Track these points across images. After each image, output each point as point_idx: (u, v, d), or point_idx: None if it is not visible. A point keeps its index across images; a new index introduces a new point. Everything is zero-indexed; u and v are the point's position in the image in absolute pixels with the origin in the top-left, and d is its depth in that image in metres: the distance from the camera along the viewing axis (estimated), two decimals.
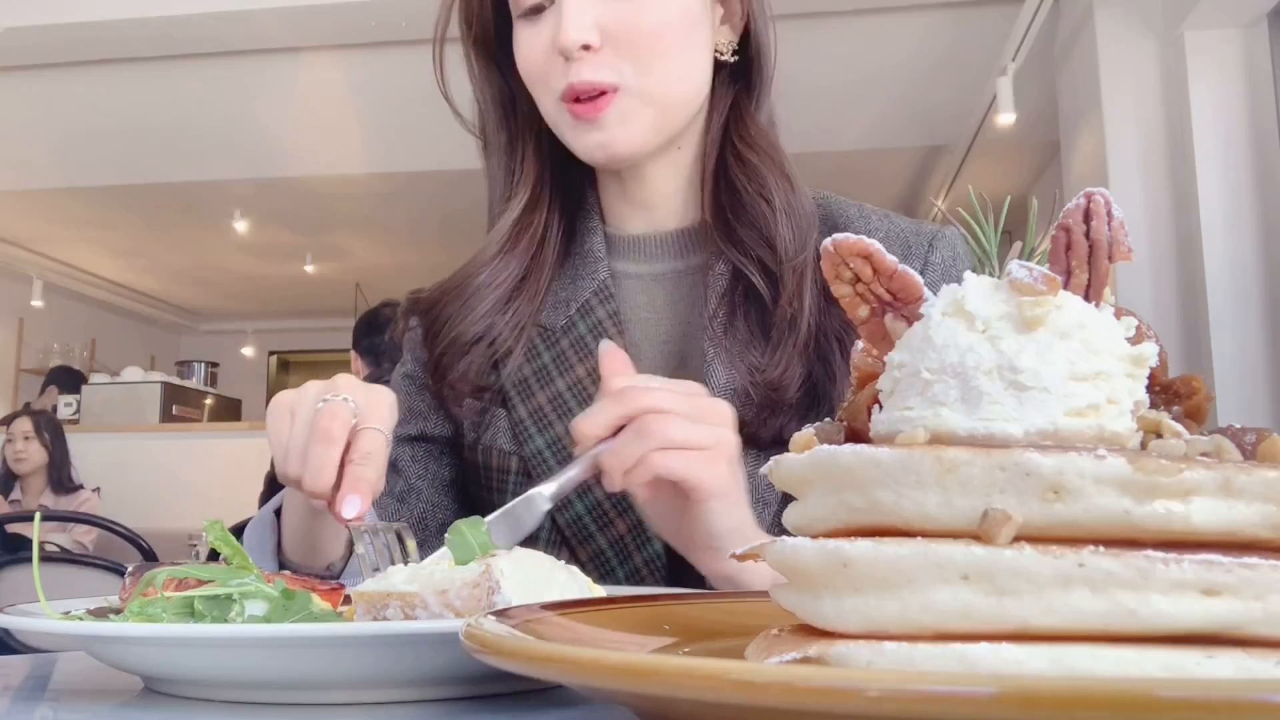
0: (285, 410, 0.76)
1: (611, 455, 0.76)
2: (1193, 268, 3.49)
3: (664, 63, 0.93)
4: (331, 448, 0.71)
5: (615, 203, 1.06)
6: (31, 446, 4.70)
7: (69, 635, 0.54)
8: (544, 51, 0.94)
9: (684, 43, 0.94)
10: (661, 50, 0.92)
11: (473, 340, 1.00)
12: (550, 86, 0.94)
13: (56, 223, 7.13)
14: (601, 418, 0.77)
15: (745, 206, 0.98)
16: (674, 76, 0.94)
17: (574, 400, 0.97)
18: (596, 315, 1.00)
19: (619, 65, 0.92)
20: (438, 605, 0.55)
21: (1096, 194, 0.40)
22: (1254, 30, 3.45)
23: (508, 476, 0.99)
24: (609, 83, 0.91)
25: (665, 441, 0.74)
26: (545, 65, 0.94)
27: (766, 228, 0.96)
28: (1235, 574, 0.33)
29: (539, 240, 1.03)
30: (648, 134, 0.95)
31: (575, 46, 0.90)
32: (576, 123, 0.94)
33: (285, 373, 10.99)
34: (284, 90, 5.06)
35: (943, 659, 0.33)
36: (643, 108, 0.93)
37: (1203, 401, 0.40)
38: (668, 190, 1.03)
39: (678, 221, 1.04)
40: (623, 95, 0.92)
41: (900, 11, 4.37)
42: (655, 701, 0.34)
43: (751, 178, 0.98)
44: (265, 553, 0.87)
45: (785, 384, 0.92)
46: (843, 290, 0.43)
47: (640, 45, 0.91)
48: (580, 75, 0.91)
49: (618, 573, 0.94)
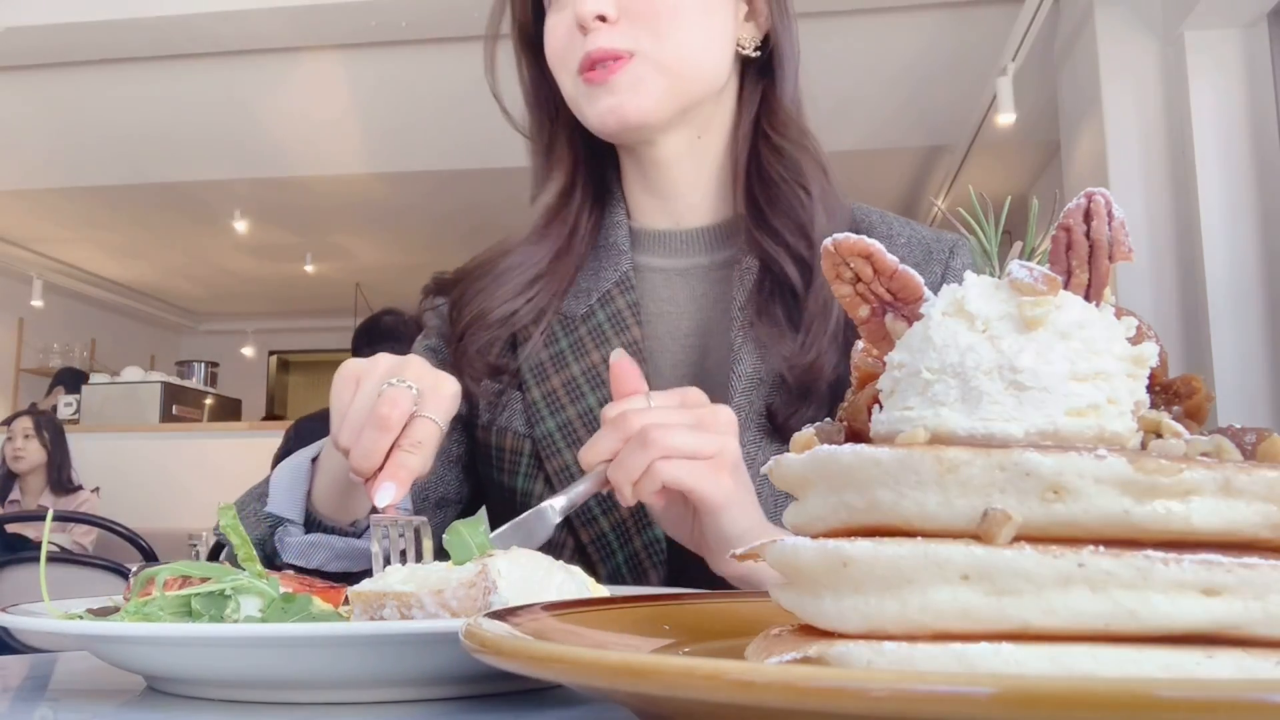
0: (351, 380, 0.77)
1: (616, 469, 0.77)
2: (1193, 268, 3.49)
3: (679, 33, 0.95)
4: (385, 435, 0.72)
5: (639, 196, 1.07)
6: (30, 445, 4.69)
7: (74, 635, 0.54)
8: (565, 31, 0.97)
9: (701, 19, 0.96)
10: (678, 22, 0.94)
11: (496, 320, 1.01)
12: (569, 62, 0.97)
13: (56, 223, 7.13)
14: (603, 444, 0.78)
15: (782, 197, 1.00)
16: (688, 47, 0.96)
17: (587, 385, 0.99)
18: (616, 305, 1.01)
19: (635, 34, 0.94)
20: (434, 605, 0.55)
21: (1097, 194, 0.40)
22: (1254, 30, 3.45)
23: (520, 459, 1.00)
24: (624, 49, 0.94)
25: (667, 450, 0.75)
26: (566, 44, 0.97)
27: (803, 215, 0.98)
28: (1235, 574, 0.33)
29: (570, 230, 1.05)
30: (660, 102, 0.96)
31: (591, 16, 0.92)
32: (590, 89, 0.96)
33: (285, 373, 10.99)
34: (284, 90, 5.06)
35: (943, 659, 0.33)
36: (656, 75, 0.95)
37: (1203, 401, 0.40)
38: (690, 180, 1.05)
39: (704, 218, 1.06)
40: (637, 61, 0.94)
41: (900, 11, 4.37)
42: (655, 701, 0.34)
43: (788, 167, 1.00)
44: (295, 498, 0.88)
45: (820, 369, 0.93)
46: (843, 290, 0.43)
47: (657, 16, 0.94)
48: (596, 43, 0.93)
49: (618, 555, 0.96)
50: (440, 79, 4.55)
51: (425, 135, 5.39)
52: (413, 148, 5.57)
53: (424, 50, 4.57)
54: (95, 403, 6.69)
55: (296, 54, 4.75)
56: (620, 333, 1.00)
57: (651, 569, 0.94)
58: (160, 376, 7.15)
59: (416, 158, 5.70)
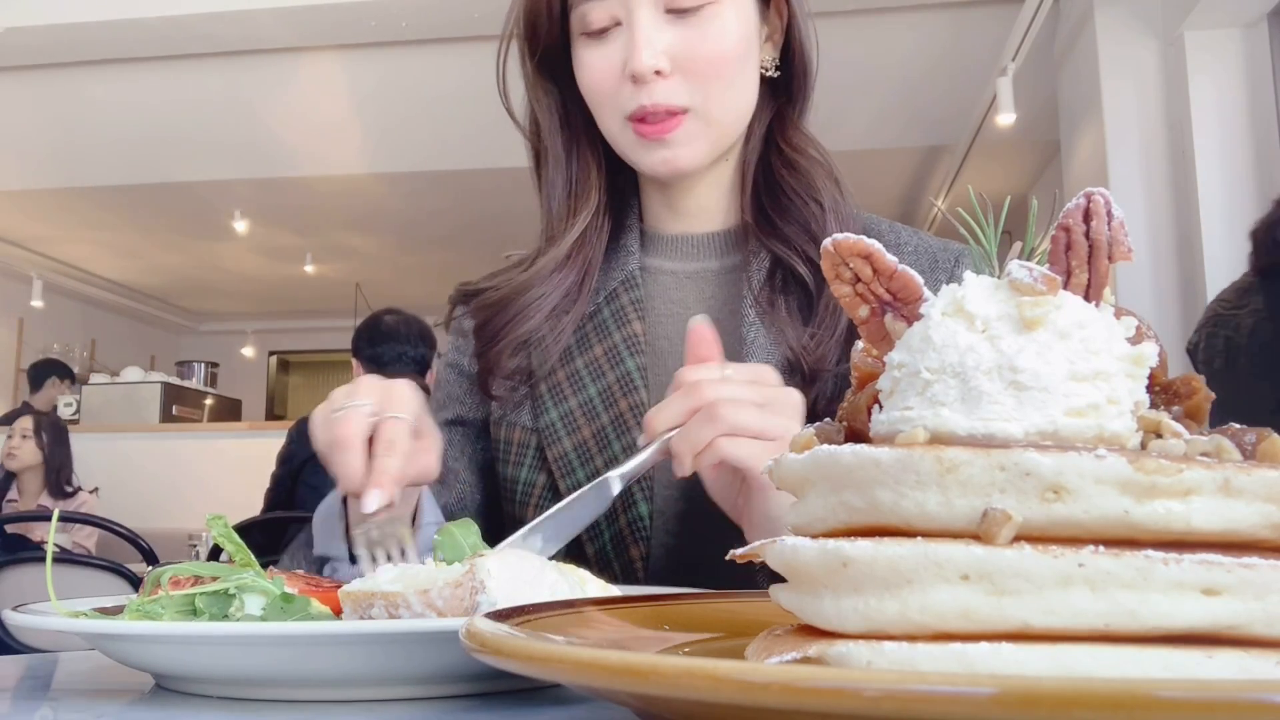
0: (319, 424, 0.81)
1: (681, 439, 0.78)
2: (1193, 268, 3.49)
3: (726, 87, 0.97)
4: (349, 453, 0.76)
5: (658, 208, 1.10)
6: (26, 445, 4.66)
7: (85, 634, 0.55)
8: (613, 74, 0.97)
9: (741, 66, 0.98)
10: (725, 75, 0.96)
11: (524, 342, 1.04)
12: (618, 107, 0.98)
13: (56, 223, 7.13)
14: (672, 410, 0.79)
15: (794, 209, 1.02)
16: (733, 100, 0.99)
17: (589, 376, 1.01)
18: (620, 301, 1.03)
19: (689, 90, 0.96)
20: (420, 605, 0.55)
21: (1096, 194, 0.40)
22: (1254, 30, 3.45)
23: (526, 451, 1.02)
24: (680, 105, 0.95)
25: (733, 428, 0.76)
26: (614, 86, 0.97)
27: (815, 225, 1.00)
28: (1235, 574, 0.33)
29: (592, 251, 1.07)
30: (707, 152, 1.00)
31: (649, 71, 0.93)
32: (642, 141, 0.98)
33: (285, 373, 10.99)
34: (284, 90, 5.06)
35: (943, 659, 0.33)
36: (706, 129, 0.98)
37: (1203, 401, 0.40)
38: (707, 192, 1.07)
39: (716, 224, 1.08)
40: (691, 117, 0.96)
41: (900, 11, 4.37)
42: (655, 701, 0.34)
43: (802, 181, 1.03)
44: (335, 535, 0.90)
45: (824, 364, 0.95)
46: (843, 290, 0.43)
47: (707, 71, 0.95)
48: (653, 98, 0.94)
49: (604, 534, 0.97)
50: (440, 79, 4.56)
51: (425, 135, 5.39)
52: (413, 148, 5.58)
53: (424, 50, 4.57)
54: (95, 403, 6.70)
55: (297, 54, 4.75)
56: (622, 326, 1.01)
57: (634, 544, 0.96)
58: (160, 377, 7.15)
59: (416, 158, 5.70)
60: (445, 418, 1.10)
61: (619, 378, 0.99)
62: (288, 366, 11.00)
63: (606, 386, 0.99)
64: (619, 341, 1.01)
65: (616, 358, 1.00)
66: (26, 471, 4.71)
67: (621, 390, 0.98)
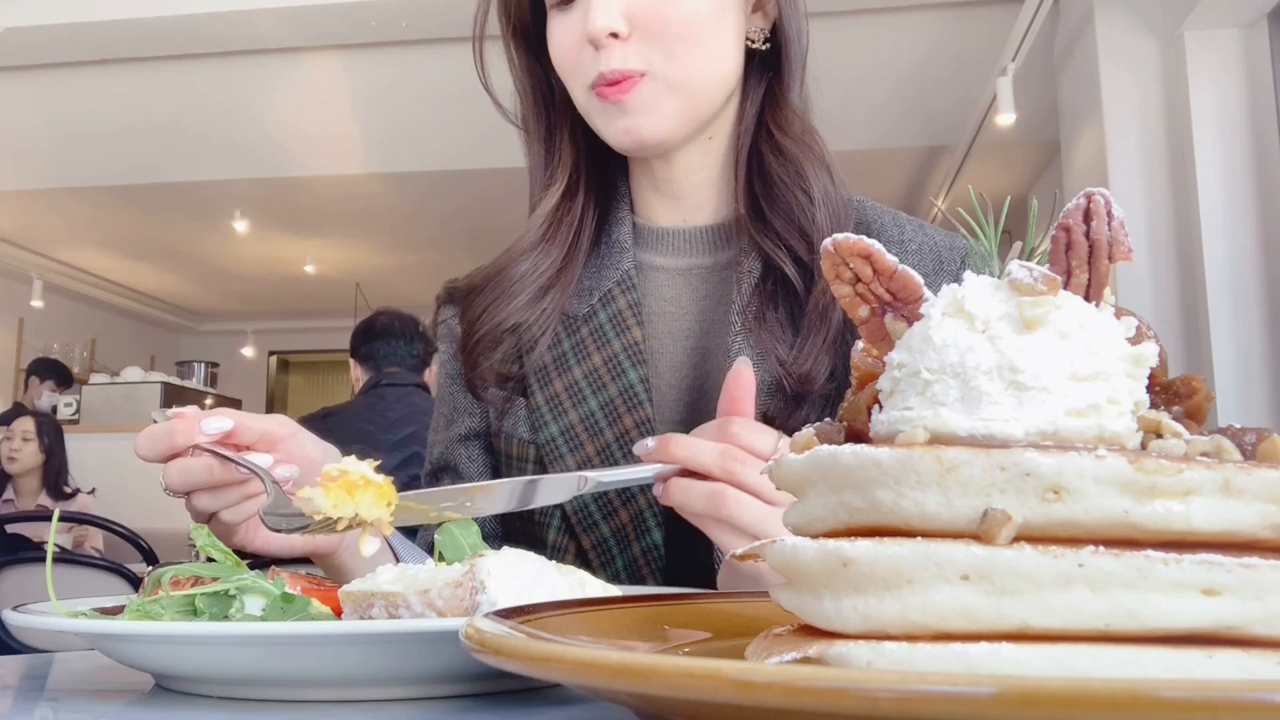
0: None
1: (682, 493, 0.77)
2: (1193, 268, 3.49)
3: (692, 50, 0.93)
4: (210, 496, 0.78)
5: (646, 193, 1.06)
6: (28, 448, 4.64)
7: (85, 634, 0.55)
8: (575, 41, 0.95)
9: (713, 30, 0.94)
10: (690, 37, 0.93)
11: (506, 332, 1.01)
12: (581, 76, 0.95)
13: (56, 223, 7.13)
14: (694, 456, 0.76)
15: (781, 198, 0.98)
16: (701, 63, 0.94)
17: (589, 388, 0.97)
18: (617, 305, 1.00)
19: (647, 52, 0.92)
20: (420, 605, 0.55)
21: (1096, 194, 0.40)
22: (1254, 30, 3.45)
23: (526, 465, 1.00)
24: (636, 69, 0.92)
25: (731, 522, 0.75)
26: (576, 55, 0.95)
27: (803, 218, 0.97)
28: (1235, 574, 0.32)
29: (575, 230, 1.04)
30: (675, 121, 0.96)
31: (603, 34, 0.91)
32: (605, 107, 0.95)
33: (285, 373, 10.99)
34: (284, 90, 5.06)
35: (943, 659, 0.33)
36: (668, 94, 0.94)
37: (1203, 401, 0.40)
38: (698, 179, 1.03)
39: (709, 217, 1.05)
40: (648, 81, 0.93)
41: (900, 11, 4.37)
42: (655, 701, 0.34)
43: (789, 169, 0.99)
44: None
45: (814, 376, 0.93)
46: (843, 290, 0.43)
47: (668, 33, 0.92)
48: (610, 63, 0.92)
49: (617, 561, 0.95)
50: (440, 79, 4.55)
51: (425, 135, 5.39)
52: (413, 148, 5.57)
53: (424, 50, 4.57)
54: (95, 403, 6.69)
55: (297, 54, 4.75)
56: (621, 333, 0.98)
57: (650, 575, 0.94)
58: (160, 377, 7.15)
59: (416, 158, 5.70)
60: (458, 434, 1.07)
61: (621, 390, 0.96)
62: (288, 366, 11.00)
63: (609, 399, 0.96)
64: (619, 350, 0.97)
65: (618, 369, 0.97)
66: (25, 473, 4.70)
67: (625, 405, 0.95)
